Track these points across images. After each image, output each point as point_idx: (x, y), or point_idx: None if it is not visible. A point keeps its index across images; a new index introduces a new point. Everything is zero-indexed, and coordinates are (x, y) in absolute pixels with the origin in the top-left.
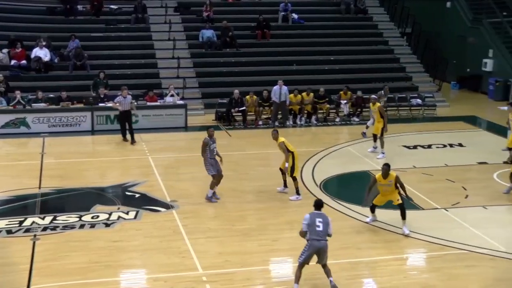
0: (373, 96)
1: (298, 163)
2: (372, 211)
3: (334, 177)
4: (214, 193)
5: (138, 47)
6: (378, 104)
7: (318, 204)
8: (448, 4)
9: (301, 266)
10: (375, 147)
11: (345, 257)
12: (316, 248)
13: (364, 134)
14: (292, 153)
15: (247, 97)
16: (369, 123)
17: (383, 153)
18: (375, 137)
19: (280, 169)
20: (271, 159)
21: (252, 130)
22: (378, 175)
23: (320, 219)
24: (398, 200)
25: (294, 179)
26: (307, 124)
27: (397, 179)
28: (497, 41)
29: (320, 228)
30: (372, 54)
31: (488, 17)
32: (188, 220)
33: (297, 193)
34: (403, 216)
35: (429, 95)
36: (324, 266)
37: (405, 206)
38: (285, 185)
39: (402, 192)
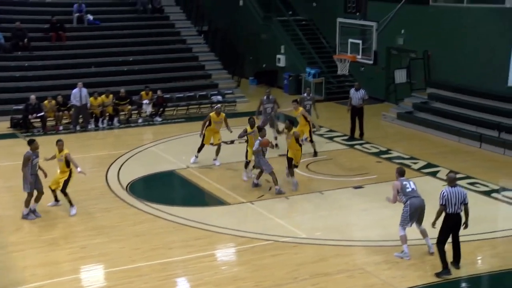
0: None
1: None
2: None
3: (140, 178)
4: (34, 210)
5: None
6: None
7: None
8: (241, 2)
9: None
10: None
11: (156, 258)
12: None
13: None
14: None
15: (45, 102)
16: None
17: (196, 156)
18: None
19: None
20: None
21: (52, 136)
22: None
23: None
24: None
25: (66, 194)
26: (110, 127)
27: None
28: (287, 38)
29: None
30: (171, 53)
31: (277, 16)
32: None
33: (71, 204)
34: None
35: (229, 91)
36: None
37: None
38: (56, 199)
39: None
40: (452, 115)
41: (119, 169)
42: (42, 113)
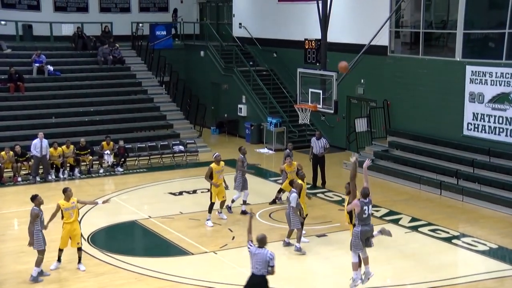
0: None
1: None
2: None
3: (102, 229)
4: (41, 271)
5: None
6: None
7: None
8: (202, 53)
9: None
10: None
11: None
12: None
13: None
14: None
15: (3, 153)
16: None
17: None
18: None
19: None
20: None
21: (10, 188)
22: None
23: None
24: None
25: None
26: (71, 177)
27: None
28: (248, 88)
29: None
30: (132, 104)
31: (238, 66)
32: None
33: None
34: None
35: (191, 141)
36: None
37: None
38: (59, 260)
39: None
40: (412, 163)
41: (80, 219)
42: None
